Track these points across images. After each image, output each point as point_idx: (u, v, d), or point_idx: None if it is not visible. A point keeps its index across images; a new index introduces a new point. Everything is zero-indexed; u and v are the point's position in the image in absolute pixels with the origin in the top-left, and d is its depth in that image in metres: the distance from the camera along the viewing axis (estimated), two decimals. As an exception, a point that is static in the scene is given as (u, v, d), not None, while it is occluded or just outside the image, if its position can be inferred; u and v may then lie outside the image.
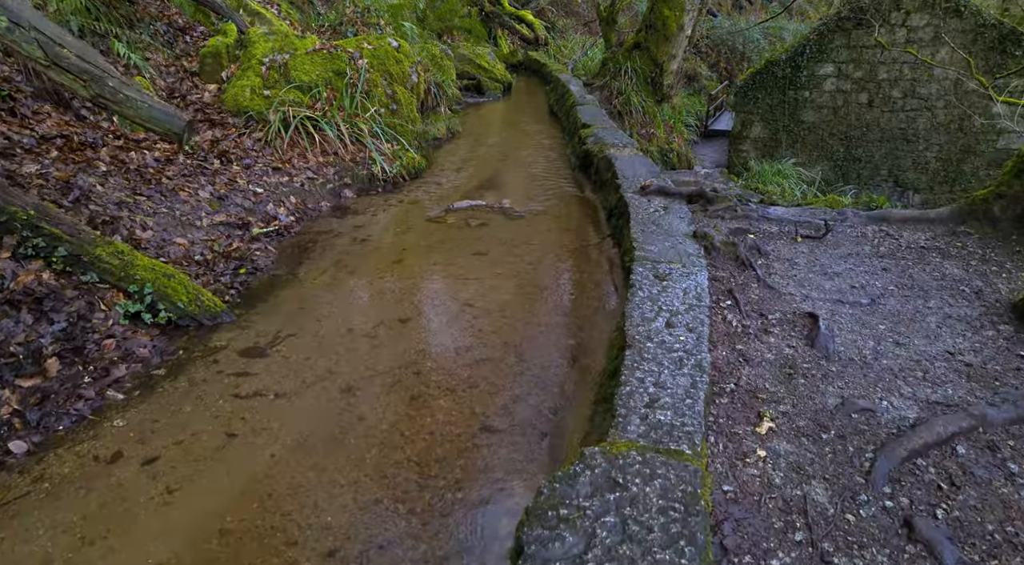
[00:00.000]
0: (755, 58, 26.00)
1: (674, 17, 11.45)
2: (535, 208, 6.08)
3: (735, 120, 16.78)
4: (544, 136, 9.57)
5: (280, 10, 8.43)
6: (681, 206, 4.75)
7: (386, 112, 6.94)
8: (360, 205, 6.08)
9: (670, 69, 12.10)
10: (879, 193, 14.92)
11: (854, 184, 15.70)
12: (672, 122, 12.40)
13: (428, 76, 8.78)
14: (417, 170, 7.10)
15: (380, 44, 7.11)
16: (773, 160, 16.56)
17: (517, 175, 7.30)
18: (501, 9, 19.36)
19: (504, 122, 10.67)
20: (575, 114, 8.75)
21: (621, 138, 7.06)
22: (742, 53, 26.45)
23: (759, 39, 26.25)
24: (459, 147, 8.69)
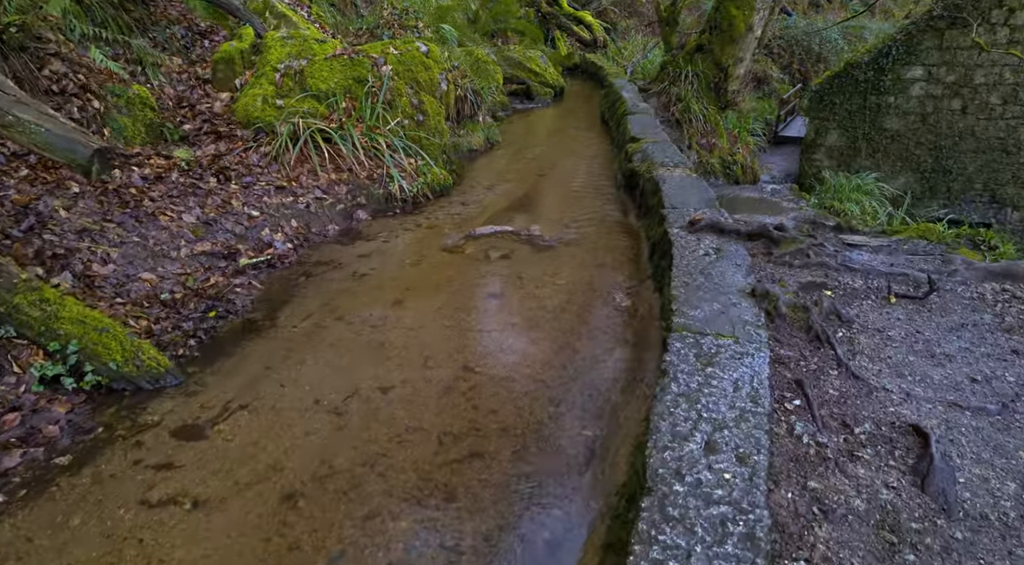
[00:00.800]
0: (833, 60, 24.36)
1: (742, 17, 10.42)
2: (568, 236, 5.27)
3: (808, 127, 15.56)
4: (591, 148, 8.73)
5: (311, 12, 7.87)
6: (738, 248, 3.86)
7: (410, 124, 6.25)
8: (372, 229, 5.40)
9: (736, 74, 11.05)
10: (972, 209, 13.47)
11: (943, 198, 14.30)
12: (736, 131, 11.34)
13: (465, 82, 8.07)
14: (443, 188, 6.39)
15: (407, 49, 6.42)
16: (850, 170, 15.28)
17: (554, 194, 6.51)
18: (559, 10, 18.55)
19: (550, 131, 9.87)
20: (625, 125, 7.88)
21: (672, 155, 6.16)
22: (818, 54, 24.83)
23: (837, 39, 24.58)
24: (495, 160, 7.95)
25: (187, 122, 5.61)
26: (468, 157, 8.15)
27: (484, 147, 8.50)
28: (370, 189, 5.73)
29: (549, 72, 13.45)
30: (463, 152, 8.19)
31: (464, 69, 8.32)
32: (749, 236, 4.13)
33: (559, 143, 9.00)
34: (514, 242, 5.16)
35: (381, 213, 5.75)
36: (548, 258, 4.82)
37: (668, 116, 10.83)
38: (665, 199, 4.86)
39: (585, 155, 8.25)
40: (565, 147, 8.76)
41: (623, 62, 18.29)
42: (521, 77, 13.02)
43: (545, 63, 13.65)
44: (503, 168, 7.59)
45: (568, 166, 7.67)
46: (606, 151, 8.49)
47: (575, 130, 10.12)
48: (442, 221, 5.68)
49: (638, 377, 3.15)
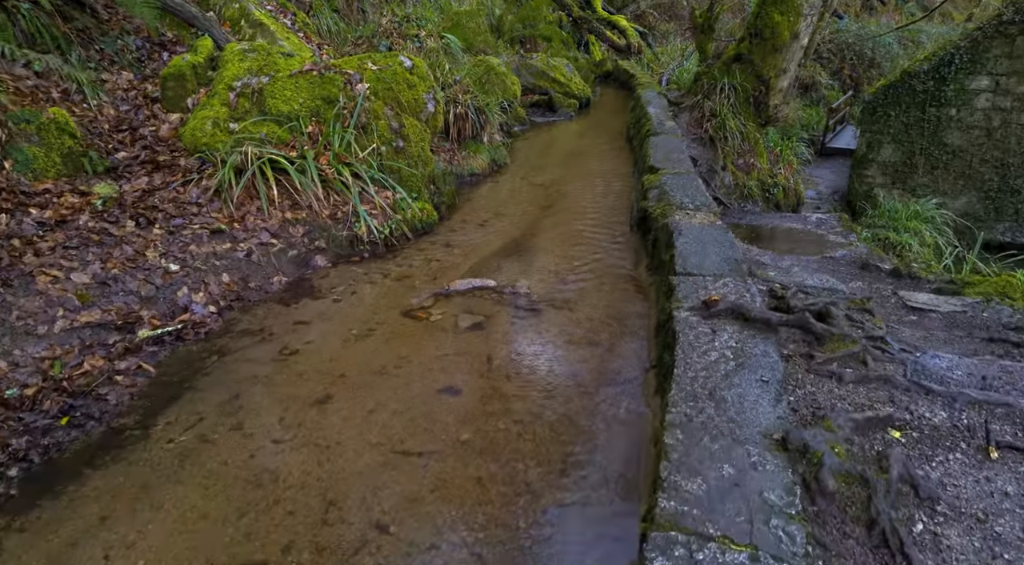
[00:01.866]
0: (887, 66, 22.81)
1: (786, 23, 9.27)
2: (561, 295, 4.28)
3: (860, 140, 14.29)
4: (610, 173, 7.71)
5: (296, 20, 7.04)
6: (766, 349, 2.81)
7: (388, 151, 5.34)
8: (328, 281, 4.49)
9: (778, 86, 9.89)
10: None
11: (1010, 220, 12.95)
12: (778, 149, 10.17)
13: (466, 99, 7.13)
14: (426, 225, 5.46)
15: (388, 65, 5.51)
16: (905, 189, 13.99)
17: (557, 234, 5.52)
18: (591, 14, 17.51)
19: (567, 151, 8.87)
20: (646, 149, 6.84)
21: (694, 193, 5.11)
22: (871, 59, 23.26)
23: (892, 44, 22.98)
24: (498, 188, 6.99)
25: (123, 149, 4.80)
26: (469, 182, 7.22)
27: (488, 171, 7.56)
28: (332, 230, 4.83)
29: (574, 82, 12.45)
30: (464, 177, 7.26)
31: (467, 83, 7.39)
32: (786, 322, 3.08)
33: (574, 166, 8.00)
34: (494, 303, 4.19)
35: (344, 259, 4.84)
36: (531, 330, 3.84)
37: (700, 133, 9.75)
38: (678, 259, 3.84)
39: (601, 182, 7.24)
40: (580, 171, 7.76)
41: (659, 69, 17.19)
42: (543, 87, 12.06)
43: (571, 72, 12.65)
44: (504, 198, 6.63)
45: (579, 196, 6.67)
46: (625, 177, 7.46)
47: (596, 150, 9.10)
48: (416, 269, 4.74)
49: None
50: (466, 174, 7.27)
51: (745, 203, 9.44)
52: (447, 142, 7.21)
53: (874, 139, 13.76)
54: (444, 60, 7.32)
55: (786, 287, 4.21)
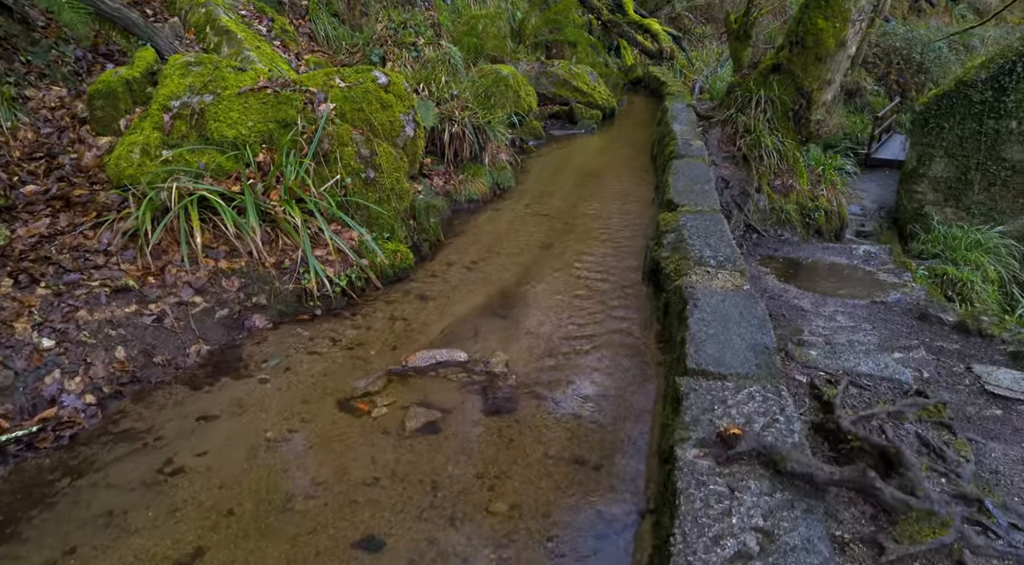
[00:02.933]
0: (936, 71, 21.31)
1: (832, 30, 8.17)
2: (546, 378, 3.35)
3: (910, 153, 13.08)
4: (628, 198, 6.72)
5: (272, 27, 6.20)
6: (809, 535, 1.83)
7: (355, 184, 4.45)
8: (261, 350, 3.62)
9: (821, 100, 8.78)
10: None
11: (1077, 247, 11.60)
12: (821, 169, 9.04)
13: (464, 117, 6.22)
14: (399, 270, 4.57)
15: (359, 81, 4.63)
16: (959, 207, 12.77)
17: (555, 282, 4.57)
18: (622, 18, 16.47)
19: (583, 171, 7.89)
20: (666, 177, 5.84)
21: (716, 243, 4.10)
22: (919, 64, 21.74)
23: (942, 48, 21.46)
24: (497, 218, 6.06)
25: (32, 181, 4.00)
26: (467, 210, 6.30)
27: (490, 196, 6.63)
28: (277, 283, 3.96)
29: (598, 91, 11.46)
30: (460, 204, 6.36)
31: (466, 98, 6.47)
32: (832, 483, 2.10)
33: (589, 190, 7.03)
34: (458, 389, 3.27)
35: (290, 318, 3.97)
36: (497, 435, 2.91)
37: (732, 151, 8.69)
38: (690, 345, 2.86)
39: (616, 210, 6.26)
40: (594, 196, 6.79)
41: (692, 76, 16.09)
42: (564, 97, 11.10)
43: (594, 80, 11.67)
44: (503, 231, 5.69)
45: (589, 230, 5.71)
46: (645, 204, 6.47)
47: (615, 169, 8.10)
48: (375, 333, 3.85)
49: None
50: (463, 200, 6.36)
51: (782, 229, 8.37)
52: (441, 165, 6.31)
53: (925, 153, 12.56)
54: (440, 73, 6.42)
55: (834, 380, 3.20)
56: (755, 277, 6.71)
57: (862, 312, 5.85)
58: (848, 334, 5.40)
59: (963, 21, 26.98)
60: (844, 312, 5.85)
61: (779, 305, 5.98)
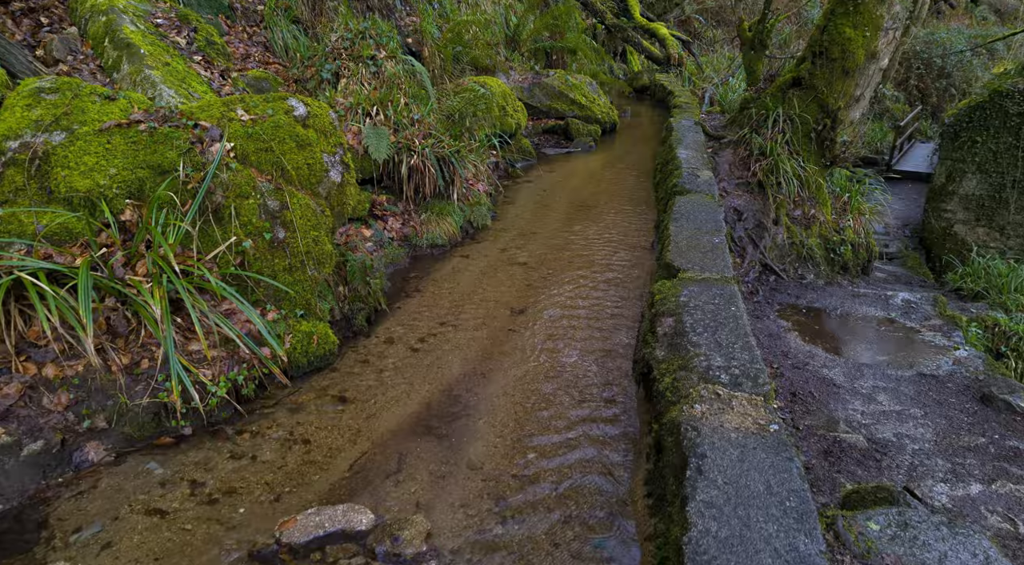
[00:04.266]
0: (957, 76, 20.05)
1: (861, 40, 7.04)
2: (474, 557, 2.28)
3: (938, 168, 11.96)
4: (623, 241, 5.61)
5: (195, 39, 5.13)
6: None
7: (259, 245, 3.39)
8: (83, 506, 2.54)
9: (848, 119, 7.63)
10: None
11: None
12: (848, 196, 7.89)
13: (426, 146, 5.14)
14: (316, 359, 3.50)
15: (269, 112, 3.56)
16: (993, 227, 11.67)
17: (518, 378, 3.50)
18: (626, 22, 15.33)
19: (574, 202, 6.79)
20: (667, 223, 4.72)
21: (730, 342, 2.96)
22: (940, 69, 20.49)
23: (965, 52, 20.20)
24: (462, 271, 4.97)
25: None
26: (430, 256, 5.23)
27: (459, 239, 5.54)
28: (125, 395, 2.90)
29: (597, 104, 10.35)
30: (422, 249, 5.29)
31: (431, 123, 5.39)
32: None
33: (578, 231, 5.92)
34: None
35: (144, 443, 2.90)
36: None
37: (746, 177, 7.57)
38: (690, 546, 1.79)
39: (608, 262, 5.16)
40: (584, 239, 5.69)
41: (702, 84, 14.94)
42: (560, 110, 10.01)
43: (594, 91, 10.56)
44: (465, 291, 4.61)
45: (573, 288, 4.61)
46: (644, 250, 5.36)
47: (612, 199, 7.00)
48: (260, 467, 2.78)
49: None
50: (426, 246, 5.29)
51: (803, 268, 7.24)
52: (398, 205, 5.25)
53: (956, 168, 11.45)
54: (398, 94, 5.35)
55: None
56: (774, 335, 5.60)
57: (908, 389, 4.72)
58: (894, 424, 4.29)
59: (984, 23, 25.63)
60: (886, 388, 4.72)
61: (805, 378, 4.87)
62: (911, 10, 7.90)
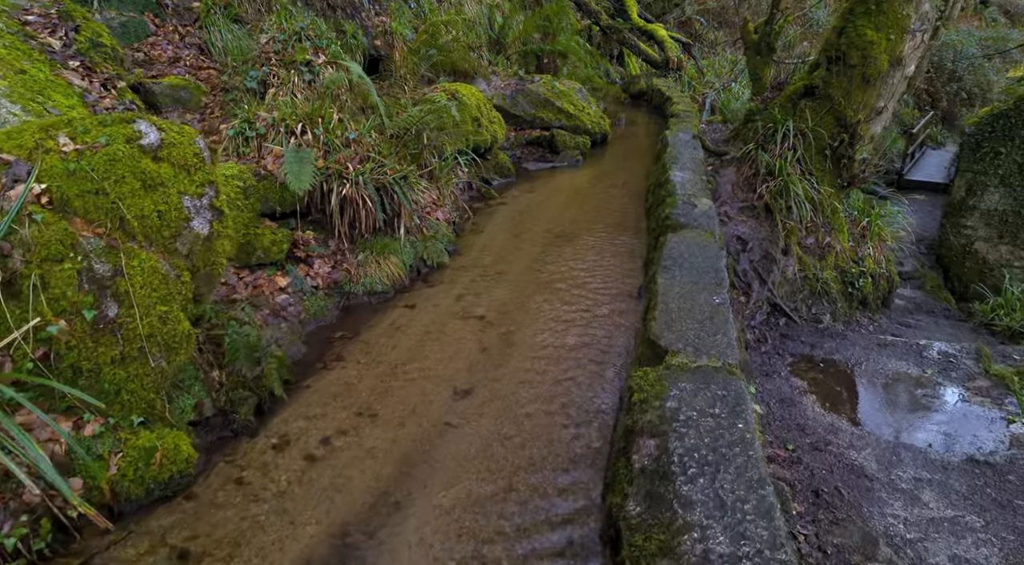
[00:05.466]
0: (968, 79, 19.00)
1: (884, 43, 6.04)
2: None
3: (958, 181, 10.99)
4: (606, 286, 4.60)
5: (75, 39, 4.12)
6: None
7: (77, 328, 2.40)
8: None
9: (868, 133, 6.62)
10: None
11: None
12: (867, 220, 6.86)
13: (363, 172, 4.14)
14: (161, 486, 2.52)
15: (104, 140, 2.57)
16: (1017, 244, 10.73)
17: (446, 502, 2.51)
18: (622, 23, 14.32)
19: (552, 233, 5.78)
20: (655, 274, 3.72)
21: (739, 508, 1.96)
22: (951, 72, 19.44)
23: (976, 55, 19.20)
24: (403, 329, 3.96)
25: None
26: (364, 307, 4.23)
27: (405, 282, 4.54)
28: None
29: (587, 113, 9.34)
30: (358, 297, 4.29)
31: (371, 144, 4.39)
32: None
33: (552, 271, 4.92)
34: None
35: None
36: None
37: (751, 200, 6.57)
38: None
39: (585, 317, 4.15)
40: (559, 283, 4.68)
41: (702, 89, 13.93)
42: (546, 120, 9.01)
43: (583, 99, 9.56)
44: (398, 361, 3.60)
45: (535, 367, 3.61)
46: (630, 298, 4.34)
47: (597, 229, 5.98)
48: None
49: None
50: (362, 293, 4.29)
51: (817, 305, 6.24)
52: (328, 243, 4.25)
53: (976, 181, 10.49)
54: (330, 109, 4.35)
55: None
56: (787, 400, 4.59)
57: (959, 482, 3.71)
58: (948, 540, 3.28)
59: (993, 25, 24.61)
60: (931, 481, 3.71)
61: (829, 465, 3.86)
62: (942, 9, 6.89)
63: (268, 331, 3.41)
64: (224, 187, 3.76)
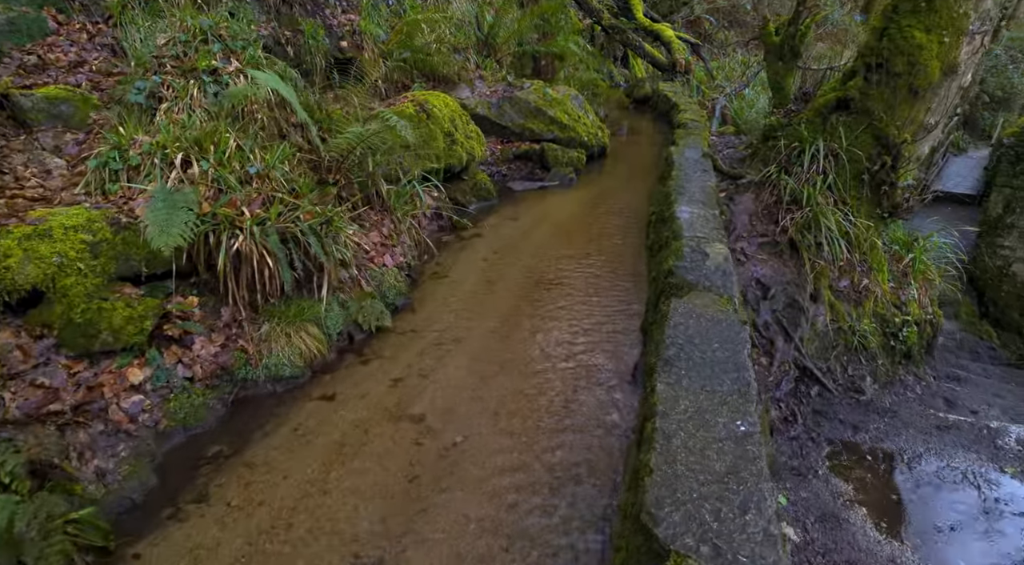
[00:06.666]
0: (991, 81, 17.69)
1: (936, 48, 4.86)
2: None
3: (994, 197, 9.89)
4: (594, 362, 3.48)
5: None
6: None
7: None
8: None
9: (915, 154, 5.44)
10: None
11: None
12: (911, 256, 5.67)
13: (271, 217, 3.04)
14: None
15: None
16: None
17: None
18: (625, 23, 13.16)
19: (533, 279, 4.66)
20: (655, 376, 2.60)
21: None
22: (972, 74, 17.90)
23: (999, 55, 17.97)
24: (311, 435, 2.85)
25: None
26: (267, 399, 3.13)
27: (327, 360, 3.45)
28: None
29: (583, 123, 8.21)
30: (258, 386, 3.18)
31: (281, 180, 3.29)
32: None
33: (529, 334, 3.79)
34: None
35: None
36: None
37: (773, 233, 5.42)
38: None
39: (560, 422, 3.03)
40: (537, 353, 3.57)
41: (713, 94, 12.76)
42: (536, 131, 7.89)
43: (579, 107, 8.42)
44: (291, 500, 2.49)
45: (484, 514, 2.51)
46: (622, 379, 3.22)
47: (588, 269, 4.85)
48: None
49: None
50: (262, 379, 3.18)
51: (853, 363, 5.10)
52: (220, 313, 3.15)
53: (1016, 197, 9.37)
54: (226, 131, 3.25)
55: None
56: (829, 515, 3.43)
57: None
58: None
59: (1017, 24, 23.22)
60: None
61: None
62: (1006, 6, 5.70)
63: (92, 463, 2.31)
64: (61, 243, 2.66)
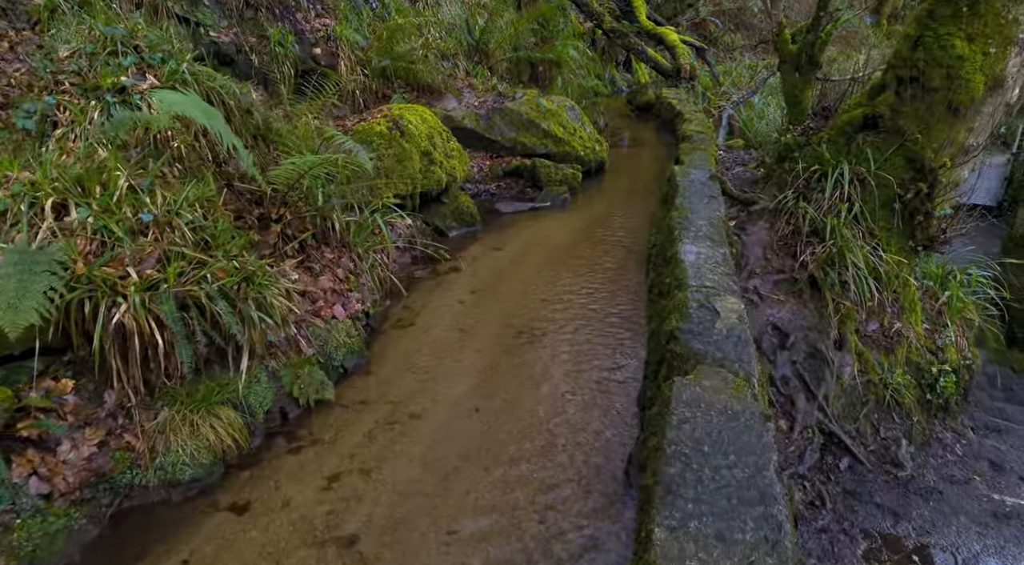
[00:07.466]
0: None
1: (979, 60, 4.12)
2: None
3: (1021, 211, 9.06)
4: (585, 437, 2.80)
5: None
6: None
7: None
8: None
9: (953, 180, 4.71)
10: None
11: None
12: (947, 294, 4.93)
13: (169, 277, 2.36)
14: None
15: None
16: None
17: None
18: (629, 26, 12.46)
19: (514, 324, 3.96)
20: (650, 516, 1.92)
21: None
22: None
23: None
24: None
25: None
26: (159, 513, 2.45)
27: (242, 452, 2.77)
28: None
29: (579, 136, 7.51)
30: (149, 493, 2.50)
31: (187, 227, 2.61)
32: None
33: (504, 404, 3.11)
34: None
35: None
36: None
37: (791, 269, 4.71)
38: None
39: (543, 522, 2.35)
40: (507, 435, 2.88)
41: (719, 101, 12.04)
42: (528, 145, 7.20)
43: (575, 119, 7.72)
44: None
45: None
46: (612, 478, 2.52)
47: (579, 313, 4.16)
48: None
49: None
50: (154, 485, 2.50)
51: (885, 421, 4.37)
52: (104, 399, 2.46)
53: (1042, 213, 8.59)
54: (116, 168, 2.58)
55: None
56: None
57: None
58: None
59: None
60: None
61: None
62: (1060, 10, 4.97)
63: None
64: None
